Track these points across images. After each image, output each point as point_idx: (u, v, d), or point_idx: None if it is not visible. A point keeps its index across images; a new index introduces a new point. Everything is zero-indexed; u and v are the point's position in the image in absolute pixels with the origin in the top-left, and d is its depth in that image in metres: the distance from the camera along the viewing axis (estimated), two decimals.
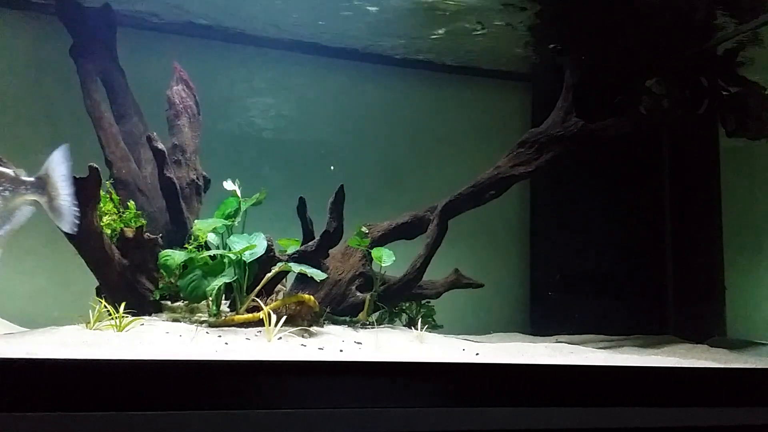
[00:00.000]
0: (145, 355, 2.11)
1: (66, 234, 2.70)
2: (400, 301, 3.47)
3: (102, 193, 2.89)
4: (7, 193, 2.01)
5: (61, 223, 2.10)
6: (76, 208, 2.11)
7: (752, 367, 2.97)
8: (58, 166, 2.09)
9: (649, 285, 4.49)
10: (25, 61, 3.73)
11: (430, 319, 3.45)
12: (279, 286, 3.09)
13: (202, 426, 1.78)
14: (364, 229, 3.30)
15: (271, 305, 2.79)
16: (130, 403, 1.76)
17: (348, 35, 4.09)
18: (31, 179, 2.06)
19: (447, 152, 4.47)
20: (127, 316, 2.54)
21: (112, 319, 2.50)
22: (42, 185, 2.06)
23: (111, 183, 3.19)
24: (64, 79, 3.55)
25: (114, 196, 3.04)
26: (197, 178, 3.33)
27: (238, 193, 3.13)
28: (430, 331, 3.17)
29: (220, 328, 2.71)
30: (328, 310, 3.15)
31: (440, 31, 4.02)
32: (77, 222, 2.14)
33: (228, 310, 2.97)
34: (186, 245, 3.03)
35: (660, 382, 2.30)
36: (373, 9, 3.74)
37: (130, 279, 2.89)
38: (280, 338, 2.61)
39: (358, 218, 3.31)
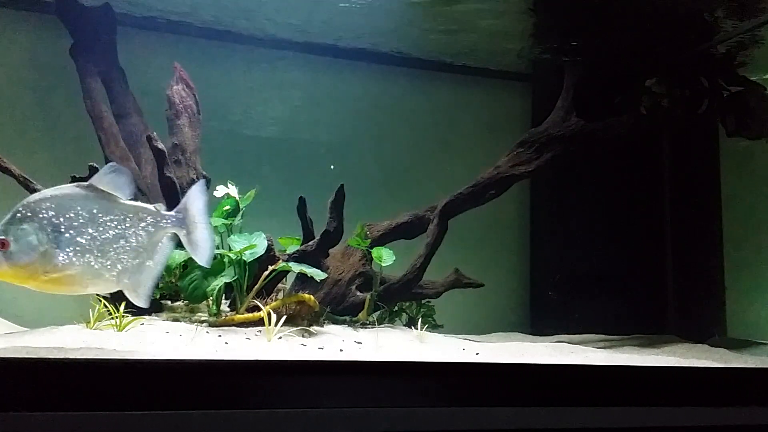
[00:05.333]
0: (145, 355, 2.11)
1: None
2: (400, 300, 3.48)
3: None
4: (150, 228, 2.11)
5: (198, 255, 2.17)
6: (212, 242, 2.21)
7: (752, 367, 2.97)
8: (196, 201, 2.18)
9: (649, 285, 4.49)
10: (25, 60, 3.73)
11: (430, 319, 3.45)
12: (279, 285, 3.09)
13: (202, 426, 1.78)
14: (364, 228, 3.30)
15: (271, 305, 2.79)
16: (130, 403, 1.76)
17: (348, 35, 4.09)
18: (172, 213, 2.15)
19: (447, 152, 4.47)
20: (127, 316, 2.54)
21: (112, 318, 2.50)
22: (181, 219, 2.15)
23: None
24: (64, 78, 3.56)
25: None
26: (197, 178, 3.33)
27: (234, 194, 3.13)
28: (430, 331, 3.17)
29: (220, 328, 2.71)
30: (328, 309, 3.15)
31: (440, 31, 4.02)
32: (212, 255, 2.24)
33: (228, 309, 2.97)
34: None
35: (660, 382, 2.30)
36: (373, 9, 3.74)
37: None
38: (280, 338, 2.61)
39: (358, 218, 3.31)
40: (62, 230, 1.97)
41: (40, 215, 1.96)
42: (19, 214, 1.96)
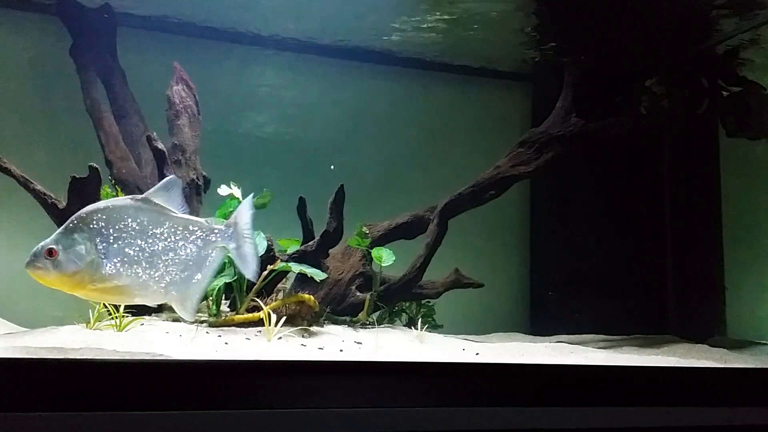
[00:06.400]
0: (145, 355, 2.11)
1: None
2: (400, 300, 3.47)
3: (108, 191, 2.90)
4: (200, 241, 2.13)
5: (245, 269, 2.19)
6: (258, 256, 2.23)
7: (752, 367, 2.97)
8: (245, 215, 2.20)
9: (649, 285, 4.49)
10: (26, 60, 3.73)
11: (430, 319, 3.45)
12: (279, 285, 3.09)
13: (202, 426, 1.78)
14: (364, 228, 3.30)
15: (271, 305, 2.79)
16: (130, 403, 1.76)
17: (348, 35, 4.09)
18: (221, 227, 2.17)
19: (447, 152, 4.46)
20: (127, 316, 2.54)
21: (112, 318, 2.50)
22: (230, 233, 2.17)
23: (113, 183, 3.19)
24: (64, 78, 3.56)
25: (120, 194, 3.04)
26: (197, 178, 3.33)
27: (238, 195, 3.12)
28: (430, 331, 3.17)
29: (220, 328, 2.71)
30: (328, 309, 3.15)
31: (441, 31, 4.02)
32: (258, 269, 2.25)
33: (228, 309, 2.97)
34: None
35: (660, 382, 2.30)
36: (373, 8, 3.74)
37: None
38: (280, 338, 2.61)
39: (358, 218, 3.31)
40: (111, 241, 2.00)
41: (91, 225, 1.99)
42: (71, 225, 2.00)
